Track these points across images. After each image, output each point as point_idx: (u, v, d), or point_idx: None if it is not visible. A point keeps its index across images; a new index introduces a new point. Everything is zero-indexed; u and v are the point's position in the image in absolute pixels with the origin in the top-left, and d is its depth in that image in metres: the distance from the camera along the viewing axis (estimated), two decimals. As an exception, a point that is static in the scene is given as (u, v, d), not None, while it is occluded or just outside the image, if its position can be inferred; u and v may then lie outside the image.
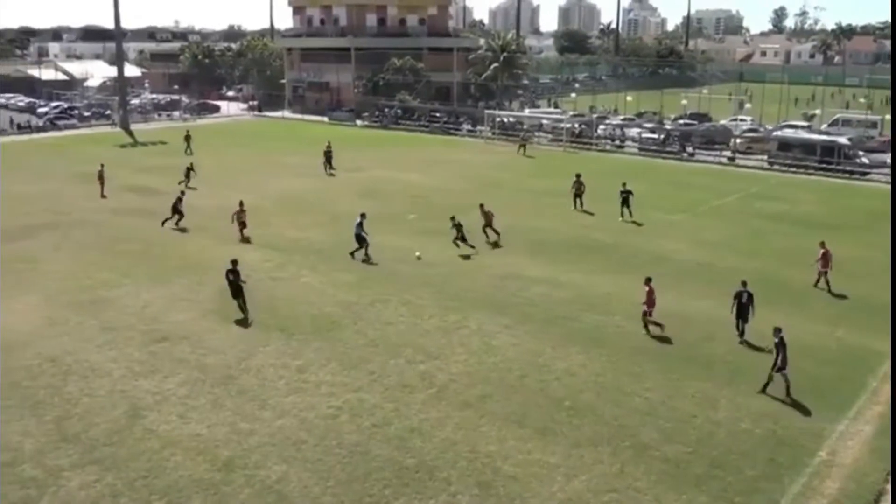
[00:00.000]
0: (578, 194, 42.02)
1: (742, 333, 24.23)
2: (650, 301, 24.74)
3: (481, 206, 35.29)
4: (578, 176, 42.40)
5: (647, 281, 25.00)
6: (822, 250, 28.99)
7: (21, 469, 17.24)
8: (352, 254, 32.49)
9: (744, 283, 24.51)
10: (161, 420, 19.36)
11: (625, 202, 39.53)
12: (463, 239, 32.92)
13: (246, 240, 35.43)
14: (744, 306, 24.25)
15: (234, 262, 26.31)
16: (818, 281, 29.27)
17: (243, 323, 25.78)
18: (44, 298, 28.00)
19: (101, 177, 45.69)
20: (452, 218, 33.10)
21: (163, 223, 37.56)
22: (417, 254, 32.66)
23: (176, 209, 37.74)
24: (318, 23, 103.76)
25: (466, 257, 32.75)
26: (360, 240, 32.46)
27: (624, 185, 39.98)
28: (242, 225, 35.82)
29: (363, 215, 32.80)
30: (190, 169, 47.92)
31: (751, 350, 23.41)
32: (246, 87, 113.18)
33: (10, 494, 16.36)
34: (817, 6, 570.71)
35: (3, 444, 18.20)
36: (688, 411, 19.92)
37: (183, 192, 40.08)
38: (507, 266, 31.80)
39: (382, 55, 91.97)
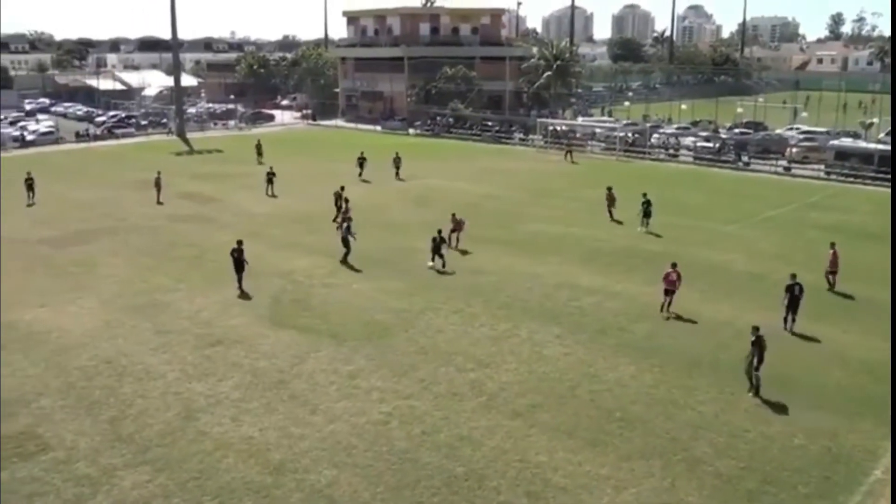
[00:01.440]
0: (610, 205, 41.73)
1: (791, 326, 24.61)
2: (668, 281, 26.47)
3: (453, 215, 35.84)
4: (610, 189, 41.94)
5: (673, 265, 26.79)
6: (831, 251, 29.88)
7: (76, 467, 17.63)
8: (345, 261, 32.74)
9: (793, 276, 25.11)
10: (214, 422, 19.62)
11: (646, 213, 39.05)
12: (436, 252, 32.41)
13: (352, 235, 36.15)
14: (795, 298, 24.63)
15: (240, 243, 29.65)
16: (832, 283, 29.95)
17: (246, 297, 28.73)
18: (100, 302, 28.60)
19: (157, 184, 46.68)
20: (439, 232, 32.77)
21: (334, 220, 38.99)
22: (430, 264, 32.51)
23: (338, 205, 39.72)
24: (372, 32, 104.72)
25: (509, 265, 32.72)
26: (346, 243, 32.83)
27: (644, 195, 39.50)
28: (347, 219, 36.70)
29: (350, 219, 33.22)
30: (271, 173, 48.67)
31: (804, 364, 23.01)
32: (300, 96, 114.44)
33: (64, 491, 16.72)
34: (875, 12, 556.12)
35: (57, 441, 18.68)
36: (740, 426, 19.61)
37: (342, 188, 41.13)
38: (558, 275, 31.65)
39: (435, 64, 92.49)
